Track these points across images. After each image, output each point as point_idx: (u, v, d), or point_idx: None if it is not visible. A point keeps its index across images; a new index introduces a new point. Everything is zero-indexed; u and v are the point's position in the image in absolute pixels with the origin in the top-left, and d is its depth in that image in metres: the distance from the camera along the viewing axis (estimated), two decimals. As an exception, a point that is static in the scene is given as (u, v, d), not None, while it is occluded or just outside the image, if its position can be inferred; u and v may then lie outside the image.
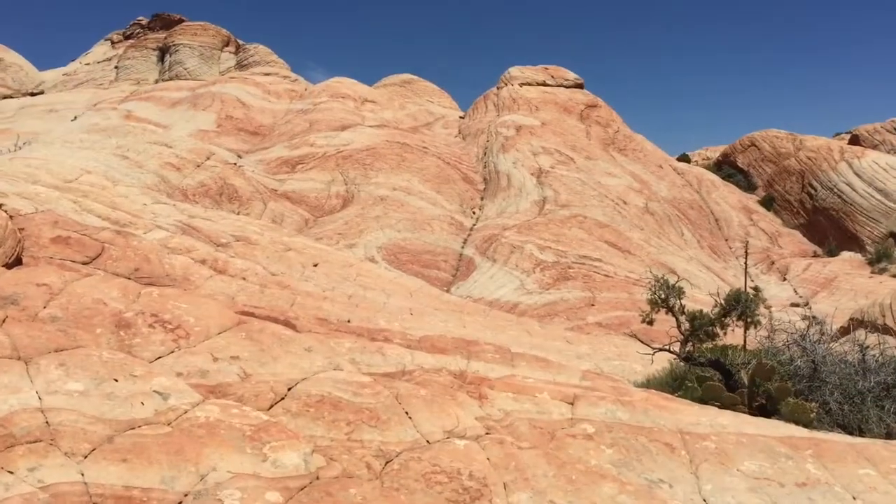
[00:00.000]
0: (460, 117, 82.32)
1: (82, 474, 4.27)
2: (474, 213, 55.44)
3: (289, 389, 6.07)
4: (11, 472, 4.12)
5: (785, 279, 59.29)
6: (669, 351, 10.33)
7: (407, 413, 6.06)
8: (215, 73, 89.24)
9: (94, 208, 14.38)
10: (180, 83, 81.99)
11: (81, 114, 69.82)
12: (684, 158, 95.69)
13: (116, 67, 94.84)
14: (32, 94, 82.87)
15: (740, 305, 10.87)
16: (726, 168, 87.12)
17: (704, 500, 5.88)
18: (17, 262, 11.28)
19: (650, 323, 11.40)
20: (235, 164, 52.83)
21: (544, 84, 77.64)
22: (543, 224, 50.20)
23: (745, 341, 10.89)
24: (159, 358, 6.09)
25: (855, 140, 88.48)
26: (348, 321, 10.57)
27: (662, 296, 11.11)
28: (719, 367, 9.57)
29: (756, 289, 53.48)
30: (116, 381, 5.10)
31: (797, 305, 52.87)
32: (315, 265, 16.82)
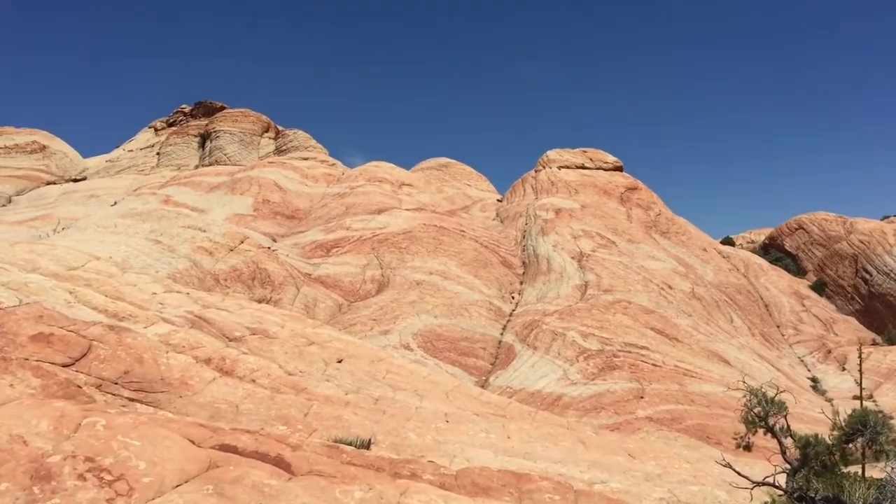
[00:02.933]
0: (498, 200, 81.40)
1: None
2: (513, 297, 53.42)
3: (265, 580, 4.16)
4: None
5: (844, 369, 55.56)
6: (774, 486, 8.22)
7: None
8: (255, 158, 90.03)
9: (92, 299, 12.84)
10: (219, 168, 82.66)
11: (122, 199, 70.28)
12: (728, 242, 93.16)
13: (158, 154, 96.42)
14: (75, 181, 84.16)
15: (869, 430, 8.70)
16: (773, 251, 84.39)
17: None
18: (-15, 364, 9.68)
19: (747, 448, 9.23)
20: (269, 248, 51.94)
21: (583, 167, 76.65)
22: (586, 309, 47.90)
23: (863, 470, 8.73)
24: (82, 530, 4.26)
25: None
26: (368, 443, 8.66)
27: (761, 413, 9.01)
28: (841, 510, 7.44)
29: (814, 380, 49.51)
30: None
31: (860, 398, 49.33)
32: (339, 361, 15.04)
